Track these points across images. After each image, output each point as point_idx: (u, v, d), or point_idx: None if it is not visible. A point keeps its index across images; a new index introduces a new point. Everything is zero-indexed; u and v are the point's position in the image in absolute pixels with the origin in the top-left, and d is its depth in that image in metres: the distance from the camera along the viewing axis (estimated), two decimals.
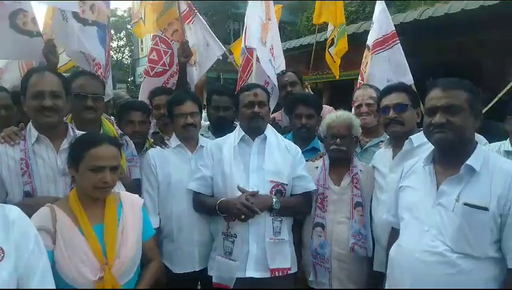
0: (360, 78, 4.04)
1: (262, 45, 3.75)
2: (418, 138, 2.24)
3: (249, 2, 3.92)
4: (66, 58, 3.78)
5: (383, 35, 3.88)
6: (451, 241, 1.68)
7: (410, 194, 1.93)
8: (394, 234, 2.05)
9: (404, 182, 1.99)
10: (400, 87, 2.48)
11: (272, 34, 4.00)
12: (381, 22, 3.95)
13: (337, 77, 5.36)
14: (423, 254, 1.73)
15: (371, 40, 3.97)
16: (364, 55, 4.06)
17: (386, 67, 3.81)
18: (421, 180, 1.88)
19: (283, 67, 4.21)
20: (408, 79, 3.69)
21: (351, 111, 2.92)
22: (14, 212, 1.48)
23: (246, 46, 3.79)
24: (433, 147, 1.89)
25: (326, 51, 4.95)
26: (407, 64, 3.82)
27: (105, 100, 3.11)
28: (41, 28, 3.20)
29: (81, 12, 3.16)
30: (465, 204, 1.67)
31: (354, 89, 3.92)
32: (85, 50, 3.16)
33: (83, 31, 3.11)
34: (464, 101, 1.72)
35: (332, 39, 4.88)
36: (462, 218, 1.66)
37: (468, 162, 1.71)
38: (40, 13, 3.27)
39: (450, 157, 1.79)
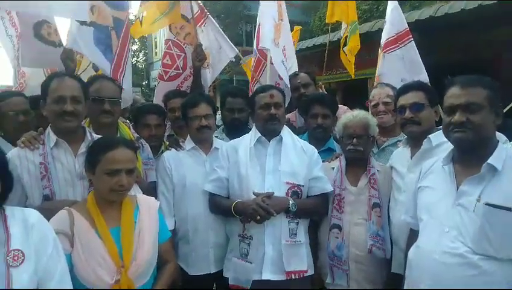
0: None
1: (275, 46, 3.75)
2: (437, 137, 2.19)
3: (261, 2, 3.92)
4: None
5: (396, 33, 3.83)
6: (472, 243, 1.63)
7: (429, 195, 1.89)
8: (413, 235, 2.01)
9: (423, 182, 1.95)
10: (416, 86, 2.43)
11: (284, 34, 3.99)
12: (393, 20, 3.90)
13: (353, 76, 5.31)
14: (443, 255, 1.69)
15: (383, 39, 3.92)
16: (378, 55, 4.02)
17: (399, 66, 3.76)
18: (440, 180, 1.84)
19: (295, 68, 4.19)
20: (423, 77, 3.62)
21: (365, 110, 2.88)
22: (34, 216, 1.51)
23: (258, 47, 3.79)
24: (452, 146, 1.85)
25: (341, 50, 4.91)
26: (421, 63, 3.76)
27: (125, 106, 3.17)
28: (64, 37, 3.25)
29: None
30: (487, 204, 1.62)
31: (367, 88, 3.88)
32: (79, 50, 3.13)
33: (79, 30, 3.03)
34: (483, 98, 1.68)
35: (346, 38, 4.83)
36: (484, 218, 1.62)
37: (489, 161, 1.66)
38: (62, 24, 3.31)
39: (470, 156, 1.75)
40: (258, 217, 2.25)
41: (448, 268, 1.66)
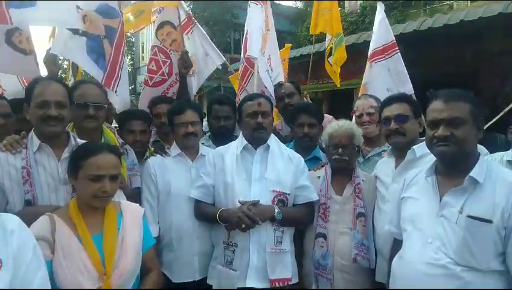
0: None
1: (261, 55, 3.77)
2: (421, 148, 2.22)
3: (249, 11, 3.95)
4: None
5: (383, 45, 3.92)
6: (455, 254, 1.66)
7: (413, 205, 1.91)
8: (396, 245, 2.03)
9: (406, 193, 1.97)
10: (401, 98, 2.47)
11: (270, 44, 4.03)
12: (381, 31, 3.99)
13: (339, 85, 5.37)
14: (426, 266, 1.70)
15: (371, 48, 4.00)
16: (366, 65, 4.08)
17: (385, 76, 3.83)
18: (424, 191, 1.87)
19: (281, 78, 4.22)
20: (408, 88, 3.71)
21: (350, 120, 2.92)
22: (13, 221, 1.46)
23: (245, 56, 3.81)
24: (435, 157, 1.88)
25: (326, 60, 4.96)
26: (407, 74, 3.84)
27: (122, 110, 3.19)
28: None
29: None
30: (469, 216, 1.65)
31: (353, 98, 3.94)
32: (71, 59, 3.18)
33: (72, 39, 3.03)
34: (466, 113, 1.71)
35: (331, 48, 4.89)
36: (466, 230, 1.64)
37: (471, 174, 1.69)
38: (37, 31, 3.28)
39: (453, 168, 1.78)
40: (243, 226, 2.24)
41: (431, 279, 1.68)
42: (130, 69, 27.86)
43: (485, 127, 3.15)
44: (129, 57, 29.33)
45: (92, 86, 2.56)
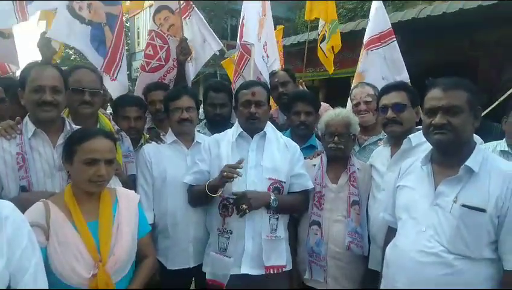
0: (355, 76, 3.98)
1: (257, 41, 3.73)
2: (417, 137, 2.23)
3: None
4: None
5: (379, 32, 3.86)
6: (448, 242, 1.67)
7: (408, 194, 1.92)
8: (391, 233, 2.04)
9: (402, 182, 1.98)
10: (399, 86, 2.46)
11: (266, 30, 3.99)
12: (377, 19, 3.93)
13: (331, 72, 5.33)
14: (419, 254, 1.72)
15: (366, 37, 3.94)
16: (361, 52, 4.03)
17: (381, 64, 3.79)
18: (419, 180, 1.87)
19: (277, 65, 4.18)
20: (404, 77, 3.68)
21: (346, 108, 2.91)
22: (7, 207, 1.45)
23: (241, 42, 3.77)
24: (431, 146, 1.88)
25: (318, 46, 4.91)
26: (403, 62, 3.80)
27: (119, 94, 3.21)
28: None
29: (77, 8, 3.15)
30: (463, 205, 1.66)
31: (350, 86, 3.91)
32: (76, 46, 3.18)
33: (76, 26, 3.09)
34: (464, 101, 1.70)
35: (324, 35, 4.83)
36: (460, 219, 1.66)
37: (467, 163, 1.70)
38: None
39: (449, 157, 1.78)
40: (225, 175, 2.19)
41: (424, 267, 1.69)
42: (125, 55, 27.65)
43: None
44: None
45: (87, 72, 2.53)
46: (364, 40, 3.96)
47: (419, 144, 2.19)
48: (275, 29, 5.40)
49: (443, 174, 1.78)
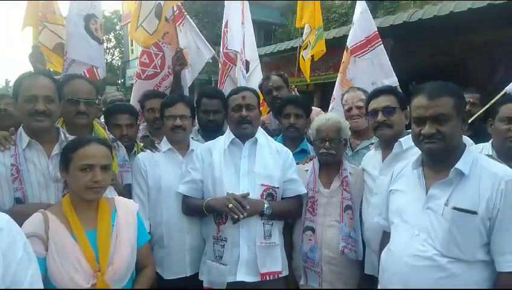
0: (340, 81, 3.94)
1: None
2: (407, 140, 2.23)
3: (226, 4, 3.97)
4: None
5: (366, 37, 3.83)
6: (441, 246, 1.67)
7: (400, 198, 1.92)
8: (385, 237, 2.04)
9: (394, 186, 1.99)
10: (387, 90, 2.48)
11: (246, 38, 4.04)
12: (363, 23, 3.89)
13: (308, 80, 5.31)
14: (412, 258, 1.72)
15: (351, 42, 3.90)
16: (344, 57, 3.97)
17: (370, 70, 3.78)
18: (410, 184, 1.88)
19: (259, 70, 4.20)
20: (393, 81, 3.66)
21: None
22: (2, 219, 1.43)
23: (224, 50, 3.82)
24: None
25: (300, 55, 4.91)
26: (391, 66, 3.78)
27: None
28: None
29: (94, 30, 3.42)
30: (454, 208, 1.66)
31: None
32: (95, 64, 3.54)
33: (97, 48, 3.49)
34: (451, 108, 1.70)
35: (309, 41, 4.83)
36: (452, 222, 1.66)
37: (457, 166, 1.70)
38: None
39: (439, 161, 1.79)
40: (231, 207, 2.20)
41: (418, 271, 1.69)
42: (119, 63, 27.59)
43: (472, 119, 3.19)
44: (117, 50, 29.01)
45: (82, 82, 2.52)
46: (348, 45, 3.90)
47: (410, 147, 2.19)
48: (272, 39, 5.43)
49: (434, 177, 1.78)
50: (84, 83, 2.52)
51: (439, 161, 1.79)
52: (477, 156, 1.77)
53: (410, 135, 2.28)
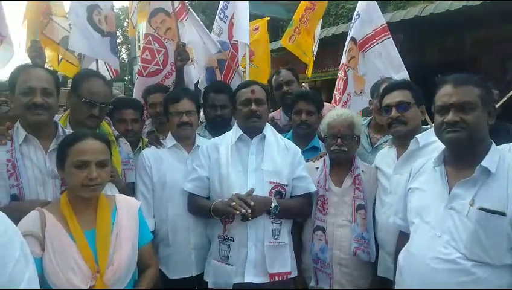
0: (342, 74, 3.81)
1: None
2: (424, 137, 2.16)
3: None
4: None
5: (373, 30, 3.68)
6: (465, 248, 1.58)
7: (420, 197, 1.83)
8: (403, 238, 1.96)
9: (413, 184, 1.89)
10: (402, 85, 2.39)
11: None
12: (370, 15, 3.72)
13: (310, 75, 5.29)
14: (434, 260, 1.63)
15: (358, 34, 3.73)
16: (347, 49, 3.81)
17: (379, 63, 3.63)
18: (431, 182, 1.79)
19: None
20: (403, 76, 3.53)
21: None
22: None
23: (232, 41, 3.77)
24: (441, 146, 1.80)
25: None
26: (401, 61, 3.63)
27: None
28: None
29: (97, 22, 3.33)
30: (481, 209, 1.57)
31: None
32: (101, 59, 3.50)
33: (100, 41, 3.37)
34: (476, 97, 1.63)
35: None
36: (477, 223, 1.57)
37: (483, 163, 1.61)
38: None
39: (463, 157, 1.70)
40: (240, 212, 2.13)
41: (440, 274, 1.61)
42: (126, 59, 27.68)
43: None
44: (124, 46, 29.11)
45: (101, 83, 2.42)
46: (357, 39, 3.74)
47: (427, 144, 2.12)
48: (279, 35, 5.37)
49: (457, 175, 1.69)
50: (102, 84, 2.43)
51: (462, 155, 1.70)
52: (504, 153, 1.69)
53: (427, 131, 2.20)
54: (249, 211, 2.13)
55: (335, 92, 3.88)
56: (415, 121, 2.30)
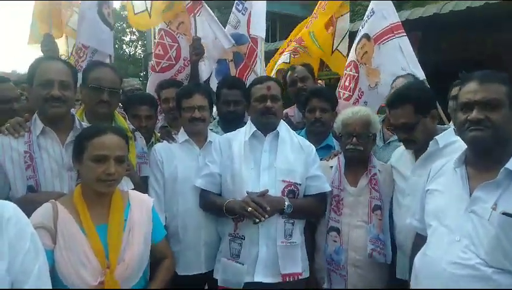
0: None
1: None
2: (444, 138, 2.08)
3: None
4: None
5: (390, 24, 3.59)
6: (486, 254, 1.51)
7: (438, 199, 1.76)
8: (420, 240, 1.88)
9: (432, 185, 1.82)
10: (405, 99, 2.15)
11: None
12: (386, 11, 3.64)
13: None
14: (453, 265, 1.56)
15: (373, 30, 3.66)
16: (360, 45, 3.74)
17: (398, 55, 3.52)
18: (451, 184, 1.71)
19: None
20: (420, 74, 3.44)
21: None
22: (9, 209, 1.39)
23: (250, 35, 3.74)
24: (461, 147, 1.73)
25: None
26: (416, 59, 3.51)
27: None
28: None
29: (106, 15, 3.36)
30: (504, 213, 1.50)
31: None
32: (108, 52, 3.48)
33: (109, 34, 3.43)
34: (503, 95, 1.55)
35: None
36: (499, 228, 1.49)
37: (507, 165, 1.53)
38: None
39: (485, 159, 1.62)
40: (251, 211, 2.09)
41: (458, 280, 1.54)
42: (142, 55, 27.87)
43: None
44: (140, 42, 29.33)
45: (108, 70, 2.45)
46: (370, 34, 3.66)
47: (447, 144, 2.05)
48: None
49: (479, 177, 1.61)
50: (109, 71, 2.45)
51: (485, 156, 1.63)
52: None
53: (447, 131, 2.12)
54: (266, 216, 2.10)
55: (339, 89, 3.84)
56: (424, 135, 2.13)
